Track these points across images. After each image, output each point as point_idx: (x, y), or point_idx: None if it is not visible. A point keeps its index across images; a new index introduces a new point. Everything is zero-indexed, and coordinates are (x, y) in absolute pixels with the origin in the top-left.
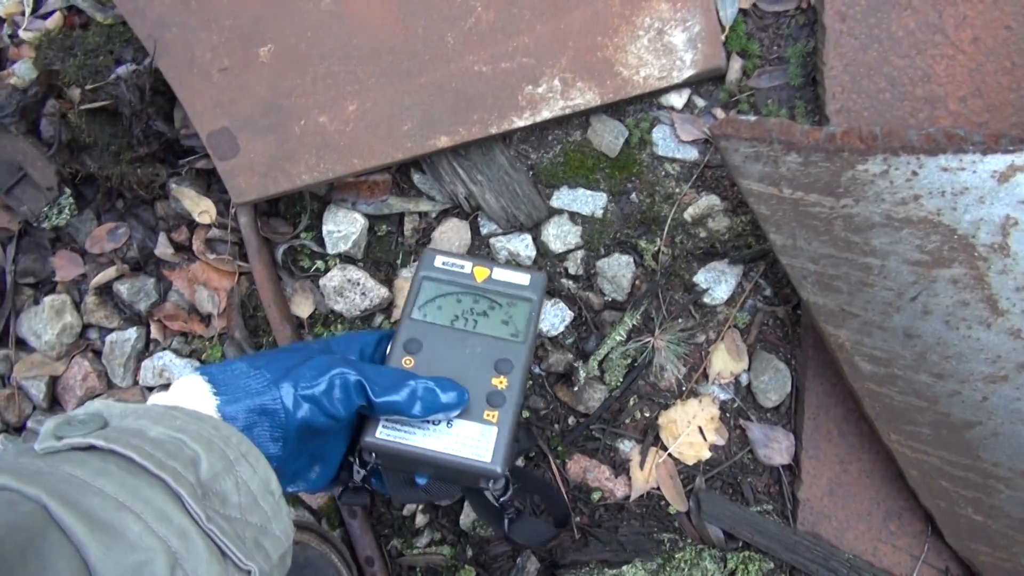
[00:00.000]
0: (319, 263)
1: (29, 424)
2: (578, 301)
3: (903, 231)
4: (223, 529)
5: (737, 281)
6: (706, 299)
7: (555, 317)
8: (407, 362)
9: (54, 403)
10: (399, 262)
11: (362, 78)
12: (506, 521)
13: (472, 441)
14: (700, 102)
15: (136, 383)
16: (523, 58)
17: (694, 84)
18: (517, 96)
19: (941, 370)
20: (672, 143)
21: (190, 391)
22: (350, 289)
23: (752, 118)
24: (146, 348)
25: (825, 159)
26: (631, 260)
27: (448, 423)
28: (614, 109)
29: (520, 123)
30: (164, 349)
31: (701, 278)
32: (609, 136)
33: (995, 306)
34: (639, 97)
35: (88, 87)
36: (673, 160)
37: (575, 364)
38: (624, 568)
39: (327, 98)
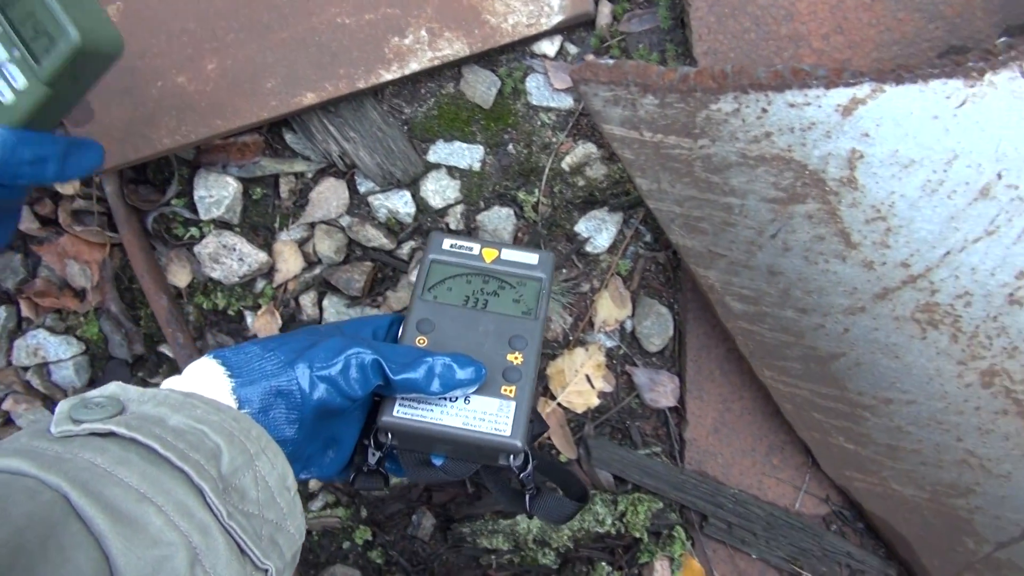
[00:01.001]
0: (193, 230)
1: None
2: None
3: (758, 169)
4: (243, 526)
5: (618, 229)
6: (588, 248)
7: None
8: (421, 341)
9: None
10: (277, 225)
11: (220, 35)
12: (527, 498)
13: (491, 416)
14: (573, 49)
15: (9, 364)
16: (387, 8)
17: (565, 31)
18: (383, 48)
19: (804, 305)
20: (546, 92)
21: (204, 375)
22: (226, 255)
23: (610, 61)
24: (18, 327)
25: (680, 100)
26: (511, 212)
27: (466, 399)
28: (486, 59)
29: (388, 76)
30: (37, 327)
31: (582, 227)
32: (482, 87)
33: (848, 239)
34: (510, 46)
35: None
36: (548, 109)
37: None
38: (518, 517)
39: (184, 57)
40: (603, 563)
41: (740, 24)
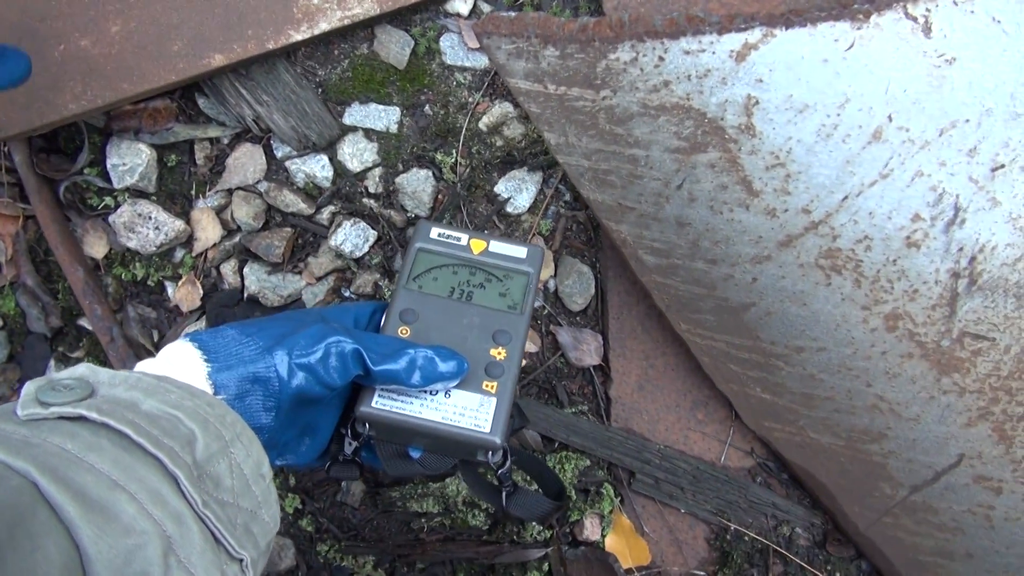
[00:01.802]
0: (107, 199)
1: None
2: (380, 220)
3: (660, 119)
4: (217, 515)
5: (537, 188)
6: (509, 208)
7: (358, 238)
8: (403, 332)
9: None
10: (194, 192)
11: None
12: (504, 495)
13: (471, 411)
14: (486, 8)
15: None
16: None
17: None
18: (292, 8)
19: (713, 256)
20: (461, 51)
21: (180, 358)
22: (142, 224)
23: (512, 15)
24: None
25: (580, 50)
26: (430, 174)
27: (446, 393)
28: (399, 19)
29: (298, 36)
30: None
31: (502, 187)
32: (396, 47)
33: (750, 187)
34: (423, 5)
35: None
36: (463, 69)
37: (381, 284)
38: (448, 480)
39: (87, 19)
40: (533, 523)
41: None
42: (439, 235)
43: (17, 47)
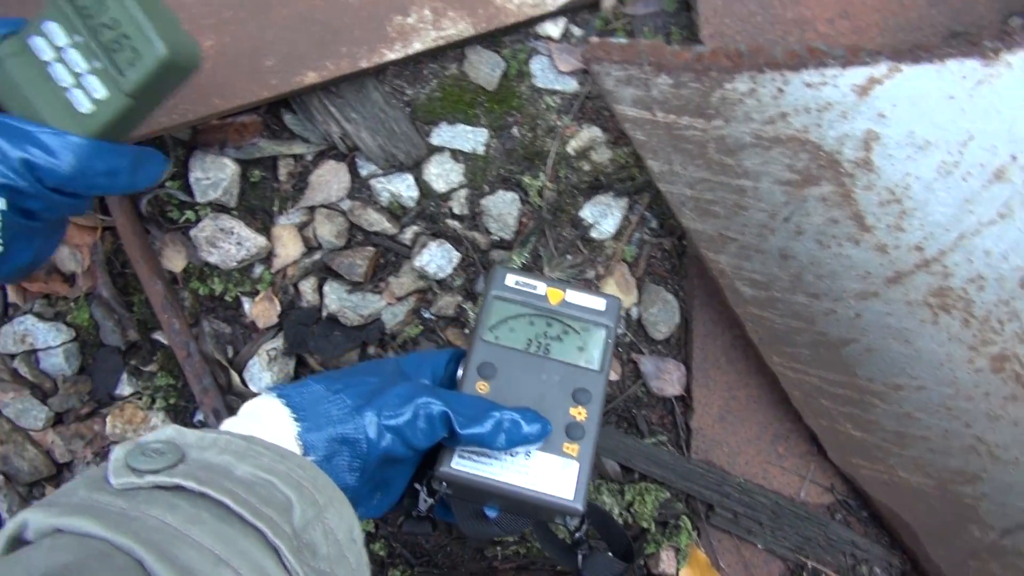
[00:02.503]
0: (189, 213)
1: None
2: (464, 241)
3: (773, 150)
4: None
5: (623, 214)
6: (593, 233)
7: (443, 259)
8: (482, 387)
9: None
10: (276, 208)
11: (219, 10)
12: (579, 558)
13: (552, 476)
14: (577, 31)
15: None
16: None
17: (569, 12)
18: (386, 27)
19: (816, 290)
20: (551, 74)
21: (268, 416)
22: (224, 239)
23: (623, 41)
24: (4, 313)
25: (695, 79)
26: (516, 197)
27: (527, 454)
28: (490, 40)
29: (391, 56)
30: (25, 313)
31: (587, 212)
32: (486, 69)
33: (862, 222)
34: (515, 27)
35: None
36: (553, 92)
37: (464, 306)
38: None
39: None
40: (608, 553)
41: (746, 7)
42: (515, 283)
43: (155, 148)
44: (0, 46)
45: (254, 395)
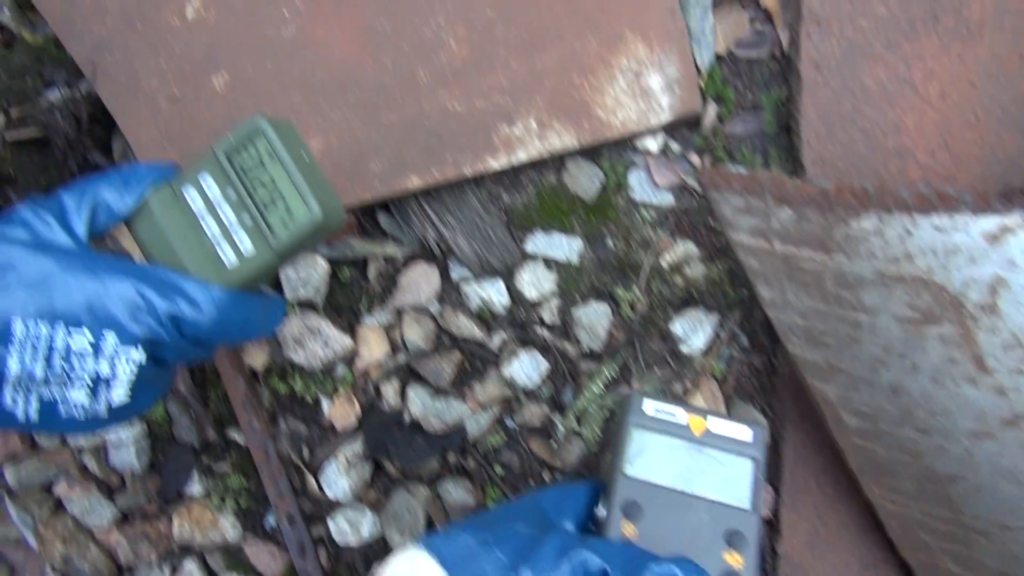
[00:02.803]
0: None
1: None
2: (553, 351)
3: (894, 288)
4: None
5: (713, 330)
6: (683, 348)
7: (531, 368)
8: (628, 530)
9: None
10: (363, 308)
11: (327, 112)
12: None
13: None
14: (675, 147)
15: (64, 444)
16: (498, 96)
17: (670, 128)
18: (492, 136)
19: (927, 426)
20: (648, 188)
21: (418, 573)
22: (311, 338)
23: (742, 170)
24: None
25: (818, 215)
26: (608, 308)
27: None
28: (589, 152)
29: (495, 164)
30: None
31: (678, 327)
32: (585, 180)
33: (982, 364)
34: (615, 140)
35: (14, 114)
36: (649, 205)
37: (552, 417)
38: None
39: None
40: None
41: (849, 135)
42: (655, 410)
43: (277, 294)
44: (150, 192)
45: (329, 500)
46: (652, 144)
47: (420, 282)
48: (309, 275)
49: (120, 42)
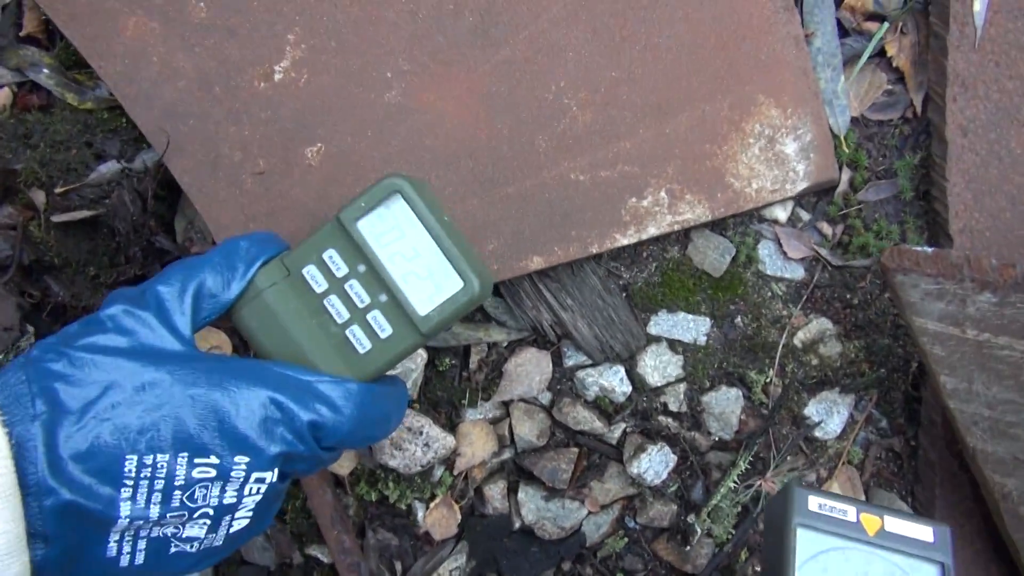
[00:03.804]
0: None
1: None
2: (681, 442)
3: None
4: None
5: (849, 412)
6: (817, 433)
7: (660, 464)
8: None
9: None
10: (464, 402)
11: (436, 186)
12: None
13: None
14: (804, 215)
15: None
16: (625, 166)
17: (798, 196)
18: (620, 210)
19: None
20: (778, 260)
21: None
22: (411, 440)
23: (928, 250)
24: None
25: None
26: (739, 393)
27: None
28: (716, 223)
29: (623, 241)
30: None
31: (812, 410)
32: (713, 253)
33: None
34: (750, 211)
35: (58, 190)
36: (779, 279)
37: (683, 517)
38: None
39: None
40: None
41: (996, 203)
42: (820, 507)
43: (399, 377)
44: (259, 276)
45: None
46: (781, 213)
47: (530, 370)
48: (407, 367)
49: (196, 109)
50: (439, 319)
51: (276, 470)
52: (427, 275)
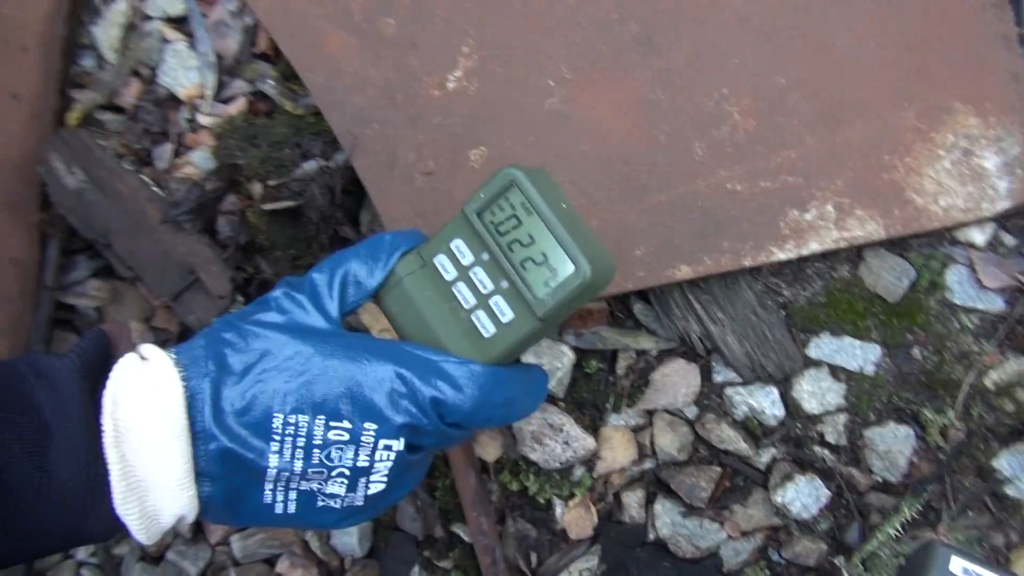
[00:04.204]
0: None
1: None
2: (837, 477)
3: None
4: None
5: None
6: (1009, 490)
7: (809, 496)
8: None
9: None
10: (609, 406)
11: (589, 191)
12: None
13: None
14: (1009, 240)
15: None
16: (788, 176)
17: (1003, 218)
18: (779, 222)
19: None
20: (971, 289)
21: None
22: (551, 436)
23: None
24: None
25: None
26: (911, 432)
27: None
28: (896, 243)
29: (780, 255)
30: None
31: (1003, 463)
32: (889, 276)
33: None
34: (933, 231)
35: (271, 183)
36: (971, 310)
37: (831, 558)
38: None
39: None
40: None
41: None
42: (963, 571)
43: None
44: (399, 265)
45: None
46: (978, 236)
47: (677, 382)
48: (553, 365)
49: (379, 114)
50: (553, 303)
51: (403, 440)
52: (543, 261)
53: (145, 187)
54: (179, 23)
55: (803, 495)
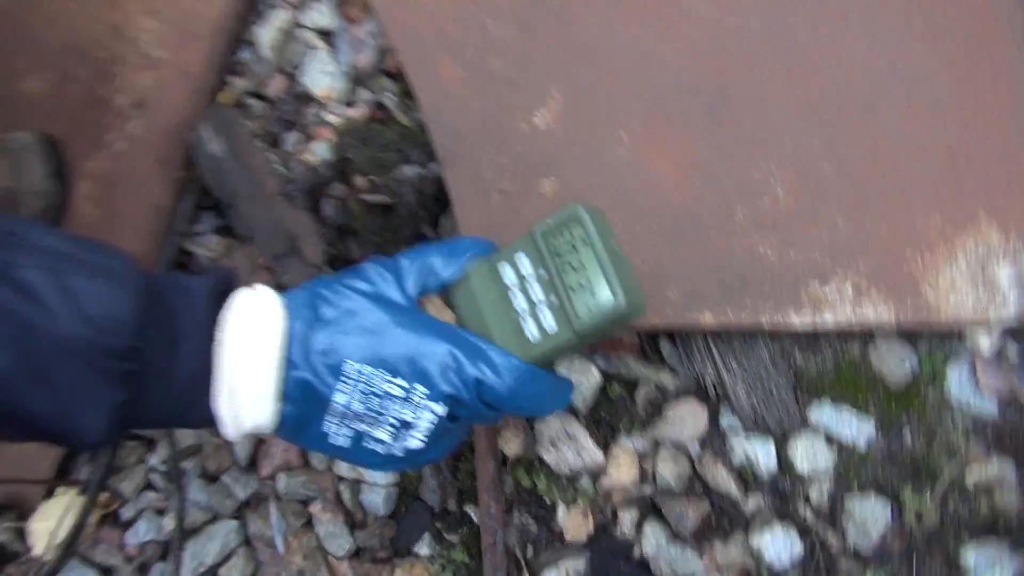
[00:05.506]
0: None
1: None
2: (813, 536)
3: None
4: None
5: (1018, 572)
6: None
7: (783, 547)
8: None
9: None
10: (623, 428)
11: (638, 232)
12: None
13: None
14: (1013, 352)
15: (330, 469)
16: (816, 252)
17: (1014, 331)
18: (800, 291)
19: None
20: (968, 388)
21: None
22: (566, 443)
23: None
24: None
25: None
26: (888, 509)
27: None
28: (907, 332)
29: (795, 321)
30: None
31: (970, 557)
32: (894, 361)
33: None
34: (940, 327)
35: (373, 179)
36: (965, 409)
37: None
38: None
39: None
40: None
41: None
42: None
43: (567, 378)
44: (470, 264)
45: None
46: (985, 342)
47: (687, 419)
48: (580, 382)
49: (474, 136)
50: (590, 323)
51: (444, 406)
52: (588, 287)
53: (270, 164)
54: (326, 35)
55: (777, 544)
